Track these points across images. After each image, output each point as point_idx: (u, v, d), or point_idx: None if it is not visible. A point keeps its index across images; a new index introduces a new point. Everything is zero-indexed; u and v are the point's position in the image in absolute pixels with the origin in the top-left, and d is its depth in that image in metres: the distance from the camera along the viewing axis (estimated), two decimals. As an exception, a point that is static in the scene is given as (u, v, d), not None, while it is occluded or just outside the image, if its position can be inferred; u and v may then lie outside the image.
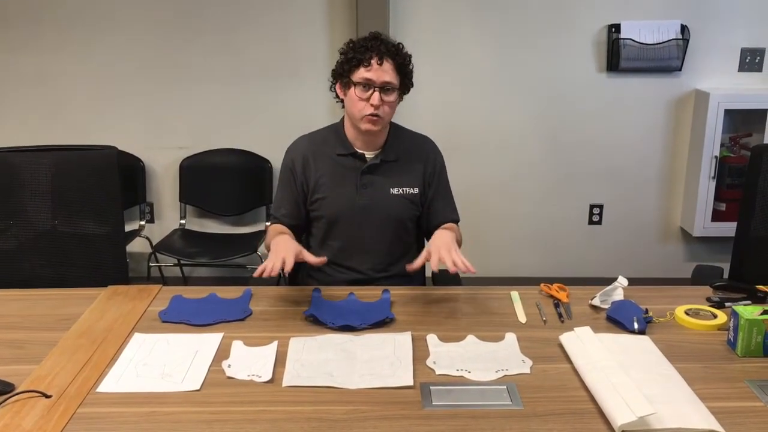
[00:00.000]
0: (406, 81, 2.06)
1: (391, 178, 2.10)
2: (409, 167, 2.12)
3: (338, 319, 1.75)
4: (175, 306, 1.86)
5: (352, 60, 1.99)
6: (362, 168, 2.09)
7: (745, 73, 3.71)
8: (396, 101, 2.04)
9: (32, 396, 1.42)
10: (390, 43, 2.02)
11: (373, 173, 2.09)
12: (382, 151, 2.11)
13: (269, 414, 1.37)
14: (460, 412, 1.37)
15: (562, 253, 3.98)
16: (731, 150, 3.74)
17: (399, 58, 2.01)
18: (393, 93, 2.01)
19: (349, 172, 2.09)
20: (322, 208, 2.10)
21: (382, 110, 1.99)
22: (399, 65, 2.01)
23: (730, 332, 1.63)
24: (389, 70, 1.98)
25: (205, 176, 3.78)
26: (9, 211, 2.20)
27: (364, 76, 1.97)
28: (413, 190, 2.12)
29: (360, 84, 1.98)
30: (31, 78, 3.73)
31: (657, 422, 1.29)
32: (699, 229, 3.77)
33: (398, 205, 2.11)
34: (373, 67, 1.96)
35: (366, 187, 2.09)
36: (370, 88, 1.97)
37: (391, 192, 2.10)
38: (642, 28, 3.59)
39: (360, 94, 1.98)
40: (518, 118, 3.78)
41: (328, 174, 2.10)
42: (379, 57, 1.97)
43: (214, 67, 3.70)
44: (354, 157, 2.10)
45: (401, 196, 2.10)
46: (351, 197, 2.08)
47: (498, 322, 1.77)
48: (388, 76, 1.98)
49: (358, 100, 1.99)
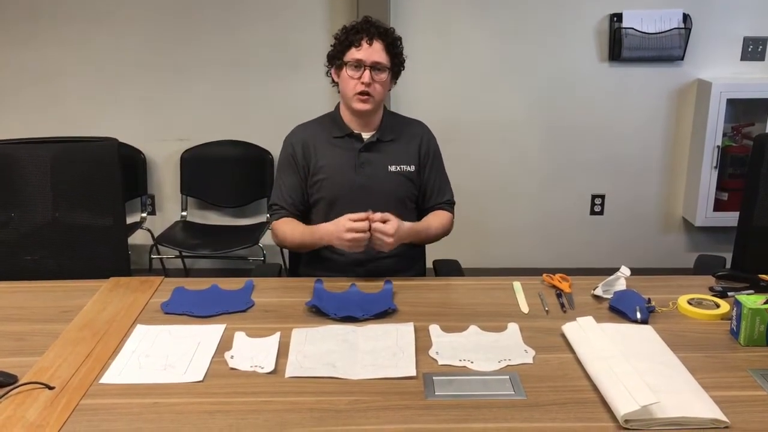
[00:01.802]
0: (396, 62, 2.11)
1: (388, 156, 2.14)
2: (405, 146, 2.17)
3: (340, 310, 1.75)
4: (177, 298, 1.86)
5: (344, 42, 2.07)
6: (359, 147, 2.12)
7: (748, 62, 3.70)
8: (387, 81, 2.09)
9: (35, 387, 1.42)
10: (381, 25, 2.09)
11: (370, 151, 2.13)
12: (378, 131, 2.15)
13: (272, 405, 1.37)
14: (462, 402, 1.37)
15: (564, 244, 3.98)
16: (733, 139, 3.73)
17: (388, 38, 2.08)
18: (383, 72, 2.07)
19: (347, 152, 2.13)
20: (322, 190, 2.12)
21: (373, 88, 2.05)
22: (389, 45, 2.08)
23: (733, 321, 1.63)
24: (379, 50, 2.05)
25: (206, 168, 3.78)
26: (10, 203, 2.20)
27: (355, 56, 2.04)
28: (410, 168, 2.15)
29: (351, 64, 2.04)
30: (32, 71, 3.71)
31: (660, 411, 1.29)
32: (701, 218, 3.76)
33: (396, 183, 2.13)
34: (363, 47, 2.04)
35: (364, 165, 2.12)
36: (361, 68, 2.04)
37: (388, 169, 2.13)
38: (644, 18, 3.58)
39: (351, 73, 2.05)
40: (520, 108, 3.77)
41: (327, 156, 2.13)
42: (369, 38, 2.04)
43: (215, 58, 3.69)
44: (351, 137, 2.13)
45: (398, 173, 2.13)
46: (350, 177, 2.11)
47: (500, 313, 1.77)
48: (378, 56, 2.05)
49: (350, 79, 2.06)
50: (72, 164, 2.21)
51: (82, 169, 2.20)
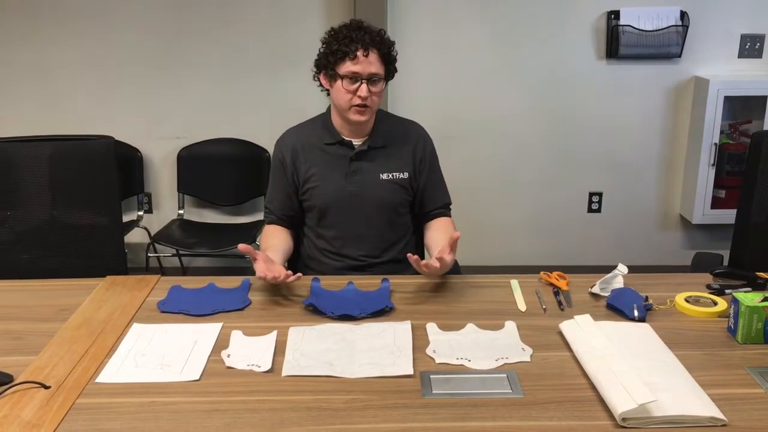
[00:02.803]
0: (390, 68, 2.06)
1: (380, 164, 2.10)
2: (398, 152, 2.12)
3: (337, 308, 1.75)
4: (174, 296, 1.86)
5: (337, 52, 1.98)
6: (350, 155, 2.08)
7: (745, 59, 3.70)
8: (383, 90, 2.04)
9: (31, 387, 1.41)
10: (373, 32, 2.01)
11: (361, 160, 2.09)
12: (369, 138, 2.10)
13: (269, 403, 1.37)
14: (460, 401, 1.37)
15: (562, 241, 3.98)
16: (731, 137, 3.73)
17: (384, 47, 2.01)
18: (380, 83, 2.01)
19: (338, 161, 2.09)
20: (314, 198, 2.10)
21: (370, 100, 2.00)
22: (384, 54, 2.01)
23: (731, 319, 1.63)
24: (375, 61, 1.98)
25: (203, 166, 3.77)
26: (7, 201, 2.19)
27: (351, 69, 1.97)
28: (403, 175, 2.11)
29: (347, 77, 1.98)
30: (28, 69, 3.71)
31: (657, 410, 1.29)
32: (698, 216, 3.76)
33: (388, 191, 2.10)
34: (359, 59, 1.96)
35: (355, 174, 2.09)
36: (357, 81, 1.97)
37: (380, 178, 2.09)
38: (641, 15, 3.58)
39: (347, 86, 1.98)
40: (517, 105, 3.77)
41: (318, 164, 2.10)
42: (365, 48, 1.96)
43: (211, 56, 3.69)
44: (342, 144, 2.10)
45: (391, 182, 2.10)
46: (341, 185, 2.08)
47: (498, 311, 1.77)
48: (374, 68, 1.98)
49: (345, 93, 1.99)
50: (68, 162, 2.20)
51: (79, 168, 2.20)
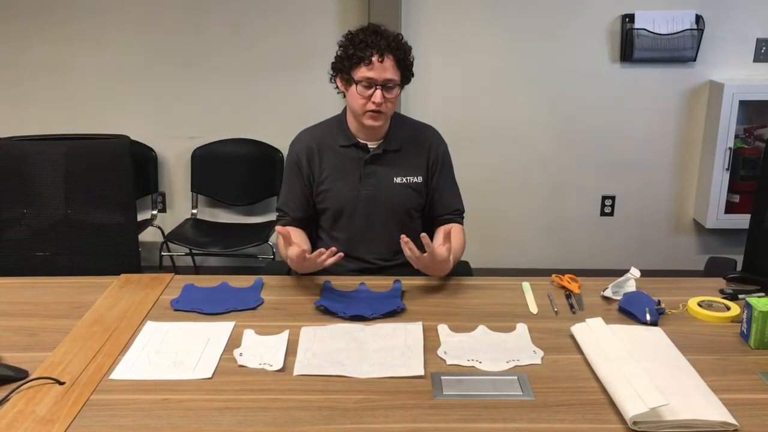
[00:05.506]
0: (406, 74, 2.05)
1: (394, 168, 2.10)
2: (412, 156, 2.12)
3: (349, 308, 1.76)
4: (187, 295, 1.87)
5: (353, 57, 1.98)
6: (365, 158, 2.09)
7: (761, 63, 3.67)
8: (398, 95, 2.03)
9: (46, 383, 1.43)
10: (390, 37, 2.00)
11: (375, 163, 2.10)
12: (384, 141, 2.10)
13: (280, 402, 1.38)
14: (470, 402, 1.37)
15: (574, 245, 3.97)
16: (745, 141, 3.71)
17: (400, 53, 2.00)
18: (395, 89, 2.00)
19: (353, 163, 2.09)
20: (327, 200, 2.11)
21: (385, 106, 1.99)
22: (400, 60, 2.00)
23: (744, 324, 1.62)
24: (390, 67, 1.98)
25: (216, 166, 3.79)
26: (22, 199, 2.22)
27: (366, 75, 1.97)
28: (417, 179, 2.12)
29: (362, 83, 1.98)
30: (44, 68, 3.74)
31: (669, 414, 1.28)
32: (712, 221, 3.74)
33: (402, 194, 2.10)
34: (374, 65, 1.96)
35: (369, 177, 2.09)
36: (372, 86, 1.97)
37: (394, 181, 2.10)
38: (656, 18, 3.56)
39: (362, 92, 1.98)
40: (530, 109, 3.76)
41: (332, 166, 2.10)
42: (380, 54, 1.96)
43: (226, 57, 3.71)
44: (357, 147, 2.10)
45: (405, 185, 2.10)
46: (355, 188, 2.09)
47: (509, 313, 1.77)
48: (390, 73, 1.98)
49: (360, 98, 1.99)
50: (84, 161, 2.22)
51: (94, 166, 2.22)
